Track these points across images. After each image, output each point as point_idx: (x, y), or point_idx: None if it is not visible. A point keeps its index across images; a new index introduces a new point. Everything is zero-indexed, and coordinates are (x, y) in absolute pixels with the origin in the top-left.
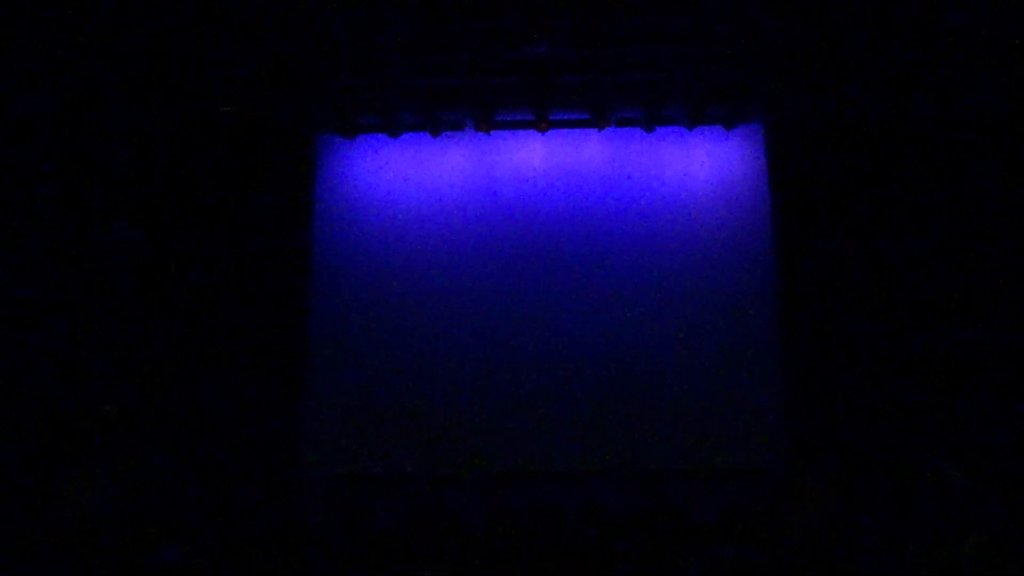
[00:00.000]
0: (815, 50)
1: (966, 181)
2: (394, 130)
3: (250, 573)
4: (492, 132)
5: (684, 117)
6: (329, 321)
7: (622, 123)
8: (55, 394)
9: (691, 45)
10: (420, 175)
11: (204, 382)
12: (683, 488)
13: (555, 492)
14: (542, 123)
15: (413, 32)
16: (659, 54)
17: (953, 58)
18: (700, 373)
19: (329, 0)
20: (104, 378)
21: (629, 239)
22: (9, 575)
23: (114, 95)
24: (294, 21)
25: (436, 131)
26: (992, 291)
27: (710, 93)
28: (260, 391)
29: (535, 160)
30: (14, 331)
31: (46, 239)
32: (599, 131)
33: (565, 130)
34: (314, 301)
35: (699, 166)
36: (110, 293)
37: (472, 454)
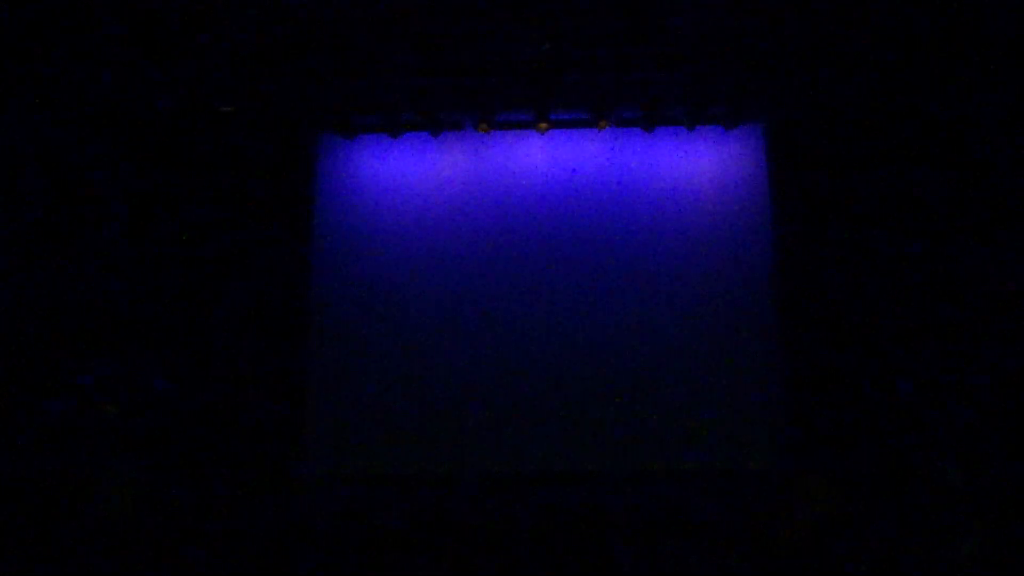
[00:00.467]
0: (815, 50)
1: (966, 180)
2: (394, 130)
3: (251, 572)
4: (492, 132)
5: (684, 117)
6: (329, 321)
7: (622, 123)
8: (58, 395)
9: (691, 45)
10: (420, 175)
11: (204, 382)
12: (683, 488)
13: (555, 492)
14: (542, 123)
15: (413, 32)
16: (659, 54)
17: (954, 58)
18: (700, 373)
19: (329, 0)
20: (105, 379)
21: (629, 239)
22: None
23: (116, 95)
24: (294, 21)
25: (436, 131)
26: (993, 291)
27: (710, 93)
28: (260, 391)
29: (535, 160)
30: (14, 331)
31: (46, 240)
32: (599, 131)
33: (565, 130)
34: (314, 301)
35: (699, 166)
36: (109, 294)
37: (472, 454)
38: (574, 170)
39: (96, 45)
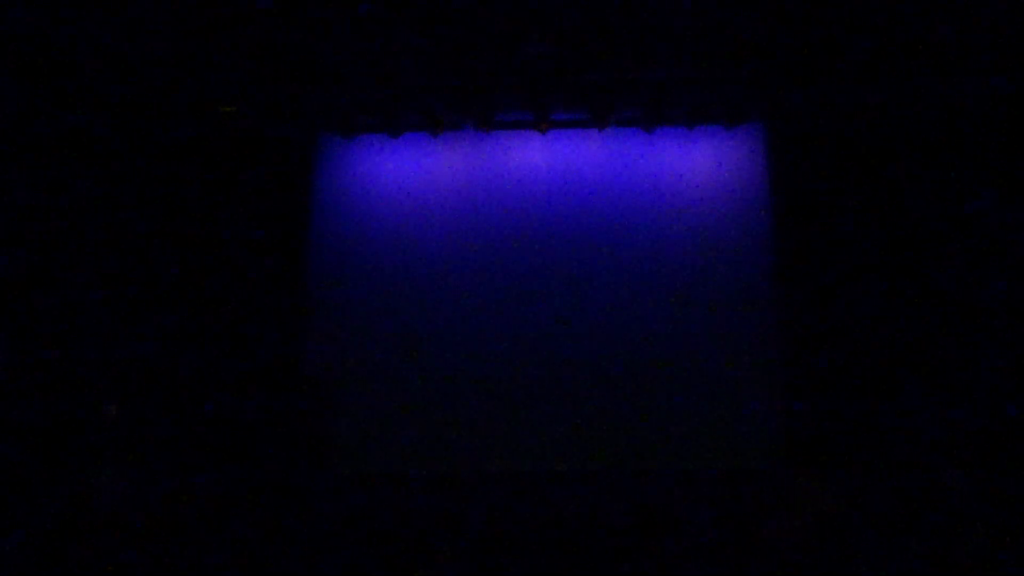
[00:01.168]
0: (814, 51)
1: (966, 180)
2: (394, 130)
3: (254, 572)
4: (492, 132)
5: (684, 117)
6: (329, 321)
7: (622, 123)
8: (61, 395)
9: (691, 45)
10: (420, 175)
11: (204, 383)
12: (683, 488)
13: (555, 492)
14: (542, 123)
15: (413, 32)
16: (659, 54)
17: (952, 58)
18: (700, 373)
19: (330, 1)
20: (107, 379)
21: (629, 239)
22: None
23: (117, 95)
24: (295, 22)
25: (436, 131)
26: (993, 291)
27: (710, 93)
28: (260, 392)
29: (535, 160)
30: (15, 330)
31: (49, 238)
32: (599, 131)
33: (565, 130)
34: (314, 301)
35: (699, 166)
36: (111, 295)
37: (472, 454)
38: (576, 170)
39: (98, 45)
